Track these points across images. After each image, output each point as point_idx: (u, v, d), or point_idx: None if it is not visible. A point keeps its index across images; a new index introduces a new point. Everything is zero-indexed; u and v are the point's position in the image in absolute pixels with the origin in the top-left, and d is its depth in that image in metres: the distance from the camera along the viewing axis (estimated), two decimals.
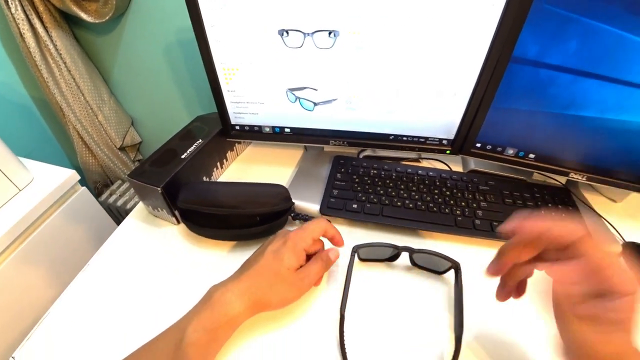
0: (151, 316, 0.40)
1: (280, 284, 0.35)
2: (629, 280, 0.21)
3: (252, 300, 0.34)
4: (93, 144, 0.92)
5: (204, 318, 0.32)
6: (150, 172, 0.49)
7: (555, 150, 0.51)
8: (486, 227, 0.47)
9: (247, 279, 0.35)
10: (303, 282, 0.36)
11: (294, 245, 0.37)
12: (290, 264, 0.36)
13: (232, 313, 0.33)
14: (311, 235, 0.38)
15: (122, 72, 0.90)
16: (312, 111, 0.50)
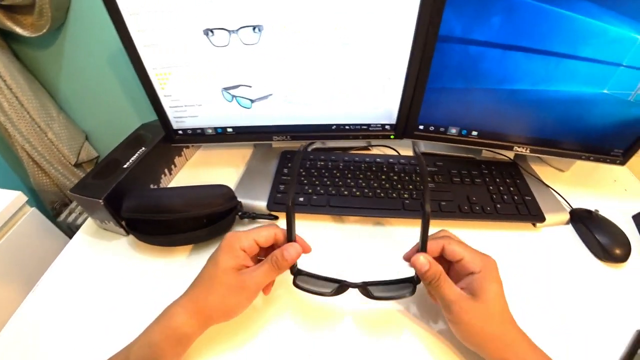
0: (104, 334, 0.39)
1: (218, 288, 0.32)
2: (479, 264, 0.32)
3: (195, 310, 0.32)
4: (45, 163, 0.88)
5: (150, 332, 0.31)
6: (92, 184, 0.48)
7: (496, 126, 0.52)
8: (434, 207, 0.47)
9: (191, 289, 0.34)
10: (244, 284, 0.32)
11: (229, 245, 0.34)
12: (225, 265, 0.33)
13: (176, 325, 0.31)
14: (253, 236, 0.34)
15: (69, 86, 0.87)
16: (250, 108, 0.49)
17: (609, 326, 0.39)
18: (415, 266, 0.33)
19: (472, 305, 0.31)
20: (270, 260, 0.33)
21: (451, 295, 0.31)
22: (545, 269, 0.45)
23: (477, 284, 0.32)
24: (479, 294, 0.31)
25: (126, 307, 0.41)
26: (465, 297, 0.31)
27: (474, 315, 0.31)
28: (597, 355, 0.36)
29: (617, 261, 0.46)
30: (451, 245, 0.34)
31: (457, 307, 0.31)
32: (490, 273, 0.32)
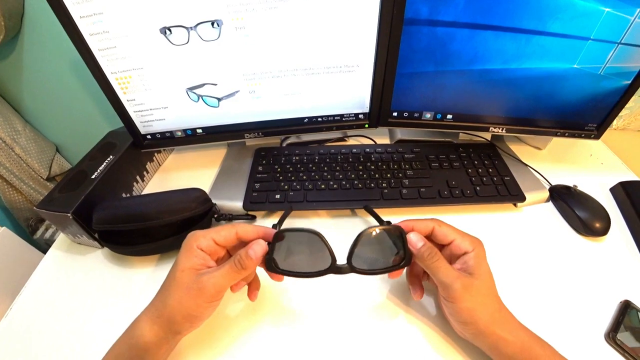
0: (83, 352, 0.37)
1: (176, 290, 0.30)
2: (471, 244, 0.33)
3: (156, 315, 0.30)
4: (15, 179, 0.85)
5: (116, 345, 0.30)
6: (59, 198, 0.46)
7: (470, 107, 0.51)
8: (414, 194, 0.47)
9: (156, 297, 0.32)
10: (202, 285, 0.29)
11: (187, 245, 0.32)
12: (183, 265, 0.30)
13: (139, 333, 0.29)
14: (211, 235, 0.32)
15: (32, 98, 0.83)
16: (217, 107, 0.47)
17: (594, 299, 0.39)
18: (409, 243, 0.32)
19: (471, 283, 0.31)
20: (233, 259, 0.31)
21: (451, 273, 0.31)
22: (528, 248, 0.45)
23: (472, 262, 0.32)
24: (475, 271, 0.31)
25: (105, 322, 0.39)
26: (464, 275, 0.31)
27: (475, 291, 0.31)
28: (583, 328, 0.37)
29: (598, 235, 0.46)
30: (442, 228, 0.34)
31: (458, 285, 0.30)
32: (482, 252, 0.33)
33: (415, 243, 0.32)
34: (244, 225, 0.33)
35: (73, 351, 0.37)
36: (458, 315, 0.31)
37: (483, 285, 0.31)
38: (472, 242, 0.33)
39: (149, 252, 0.46)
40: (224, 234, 0.32)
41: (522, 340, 0.30)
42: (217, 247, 0.32)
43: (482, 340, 0.31)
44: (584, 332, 0.36)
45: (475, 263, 0.32)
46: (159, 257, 0.46)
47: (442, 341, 0.36)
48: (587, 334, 0.36)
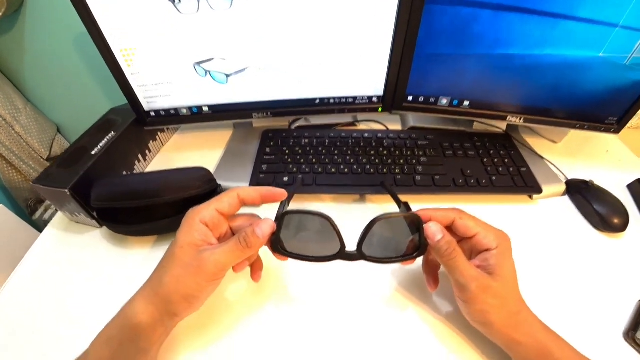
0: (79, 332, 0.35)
1: (174, 268, 0.27)
2: (495, 240, 0.30)
3: (152, 294, 0.28)
4: (15, 158, 0.83)
5: (109, 325, 0.28)
6: (57, 174, 0.44)
7: (488, 95, 0.49)
8: (428, 181, 0.45)
9: (152, 274, 0.29)
10: (202, 262, 0.27)
11: (188, 219, 0.29)
12: (183, 241, 0.28)
13: (132, 313, 0.27)
14: (214, 205, 0.29)
15: (34, 75, 0.81)
16: (225, 84, 0.45)
17: (611, 296, 0.37)
18: (427, 235, 0.29)
19: (490, 284, 0.28)
20: (238, 236, 0.28)
21: (470, 272, 0.28)
22: (544, 242, 0.43)
23: (494, 260, 0.29)
24: (496, 271, 0.29)
25: (101, 302, 0.37)
26: (484, 274, 0.29)
27: (492, 294, 0.28)
28: (601, 327, 0.35)
29: (616, 231, 0.44)
30: (464, 220, 0.30)
31: (475, 286, 0.28)
32: (507, 249, 0.30)
33: (433, 235, 0.29)
34: (244, 187, 0.31)
35: (67, 329, 0.36)
36: (471, 316, 0.30)
37: (503, 287, 0.28)
38: (497, 238, 0.30)
39: (148, 232, 0.44)
40: (227, 200, 0.30)
41: (540, 343, 0.28)
42: (220, 218, 0.30)
43: (496, 340, 0.30)
44: (602, 330, 0.35)
45: (497, 262, 0.29)
46: (158, 238, 0.44)
47: (456, 338, 0.34)
48: (605, 333, 0.35)
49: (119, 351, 0.26)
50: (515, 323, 0.29)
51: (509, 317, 0.29)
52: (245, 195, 0.31)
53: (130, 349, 0.27)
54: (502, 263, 0.29)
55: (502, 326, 0.28)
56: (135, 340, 0.27)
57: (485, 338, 0.31)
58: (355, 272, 0.38)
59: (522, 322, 0.29)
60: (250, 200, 0.31)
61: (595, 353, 0.28)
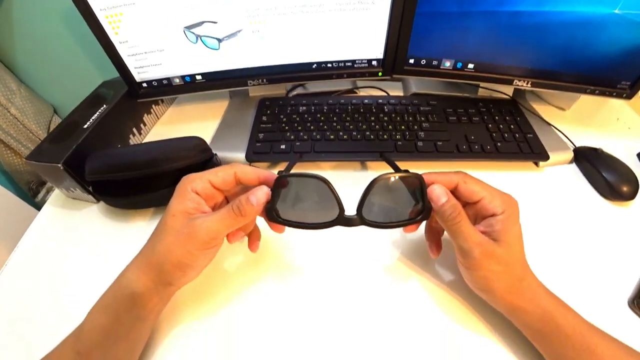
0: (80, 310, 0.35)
1: (166, 236, 0.27)
2: (501, 205, 0.28)
3: (145, 263, 0.27)
4: (13, 141, 0.82)
5: (104, 295, 0.27)
6: (50, 149, 0.43)
7: (494, 56, 0.47)
8: (430, 147, 0.43)
9: (145, 244, 0.29)
10: (193, 230, 0.26)
11: (180, 187, 0.28)
12: (175, 209, 0.27)
13: (126, 282, 0.27)
14: (207, 177, 0.29)
15: (25, 55, 0.79)
16: (218, 50, 0.43)
17: (618, 265, 0.36)
18: (431, 198, 0.28)
19: (494, 250, 0.27)
20: (232, 204, 0.27)
21: (474, 237, 0.27)
22: (550, 209, 0.42)
23: (500, 226, 0.27)
24: (501, 237, 0.27)
25: (100, 275, 0.36)
26: (488, 240, 0.27)
27: (496, 260, 0.27)
28: (606, 294, 0.34)
29: (625, 199, 0.43)
30: (468, 184, 0.29)
31: (479, 252, 0.27)
32: (514, 214, 0.28)
33: (437, 198, 0.28)
34: (243, 165, 0.30)
35: (68, 303, 0.35)
36: (474, 283, 0.29)
37: (508, 253, 0.27)
38: (503, 203, 0.28)
39: (144, 204, 0.43)
40: (222, 175, 0.29)
41: (543, 309, 0.27)
42: (213, 190, 0.29)
43: (499, 307, 0.29)
44: (607, 298, 0.34)
45: (503, 228, 0.27)
46: (155, 211, 0.43)
47: (458, 306, 0.33)
48: (610, 300, 0.34)
49: (114, 319, 0.26)
50: (519, 290, 0.28)
51: (512, 283, 0.28)
52: (242, 174, 0.29)
53: (126, 317, 0.26)
54: (508, 229, 0.28)
55: (505, 293, 0.28)
56: (130, 309, 0.26)
57: (488, 306, 0.30)
58: (355, 241, 0.38)
59: (525, 288, 0.28)
60: (247, 180, 0.29)
61: (600, 320, 0.27)
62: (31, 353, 0.26)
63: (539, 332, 0.27)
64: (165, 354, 0.31)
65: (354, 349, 0.31)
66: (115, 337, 0.26)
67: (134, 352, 0.28)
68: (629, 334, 0.26)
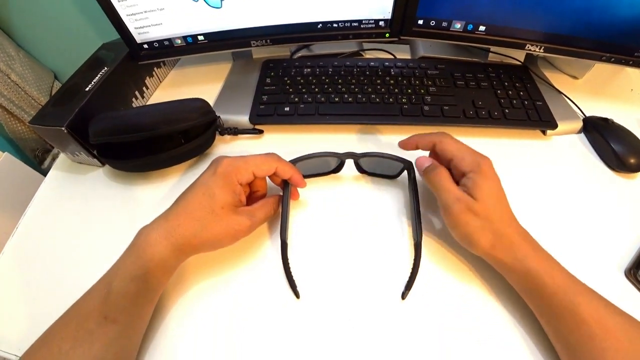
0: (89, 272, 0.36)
1: (214, 225, 0.29)
2: (471, 163, 0.30)
3: (181, 242, 0.28)
4: (15, 108, 0.82)
5: (130, 265, 0.28)
6: (53, 113, 0.42)
7: (507, 19, 0.45)
8: (436, 112, 0.42)
9: (175, 218, 0.29)
10: (241, 227, 0.30)
11: (226, 177, 0.30)
12: (223, 201, 0.29)
13: (159, 256, 0.27)
14: (252, 169, 0.31)
15: (23, 19, 0.77)
16: (220, 8, 0.42)
17: (618, 236, 0.36)
18: (417, 167, 0.33)
19: (472, 205, 0.28)
20: (273, 203, 0.33)
21: (453, 192, 0.29)
22: (555, 178, 0.42)
23: (471, 183, 0.29)
24: (476, 194, 0.29)
25: (107, 239, 0.37)
26: (467, 196, 0.29)
27: (473, 215, 0.28)
28: (604, 264, 0.34)
29: (631, 171, 0.42)
30: (442, 144, 0.31)
31: (458, 207, 0.28)
32: (483, 171, 0.30)
33: (421, 164, 0.32)
34: (283, 162, 0.33)
35: (77, 267, 0.36)
36: (458, 238, 0.30)
37: (484, 208, 0.28)
38: (472, 162, 0.30)
39: (149, 166, 0.43)
40: (265, 168, 0.32)
41: (526, 267, 0.27)
42: (254, 180, 0.33)
43: (488, 261, 0.30)
44: (605, 267, 0.34)
45: (474, 184, 0.29)
46: (164, 172, 0.44)
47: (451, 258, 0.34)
48: (607, 269, 0.34)
49: (145, 288, 0.27)
50: (501, 245, 0.28)
51: (493, 238, 0.28)
52: (282, 171, 0.32)
53: (156, 284, 0.28)
54: (481, 184, 0.29)
55: (488, 247, 0.28)
56: (161, 277, 0.28)
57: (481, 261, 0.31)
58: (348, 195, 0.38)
59: (506, 244, 0.28)
60: (282, 176, 0.33)
61: (596, 288, 0.27)
62: (40, 319, 0.27)
63: (523, 287, 0.28)
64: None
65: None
66: (144, 302, 0.28)
67: (152, 311, 0.30)
68: (623, 303, 0.26)
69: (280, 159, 0.33)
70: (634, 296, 0.32)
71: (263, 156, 0.32)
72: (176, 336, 0.30)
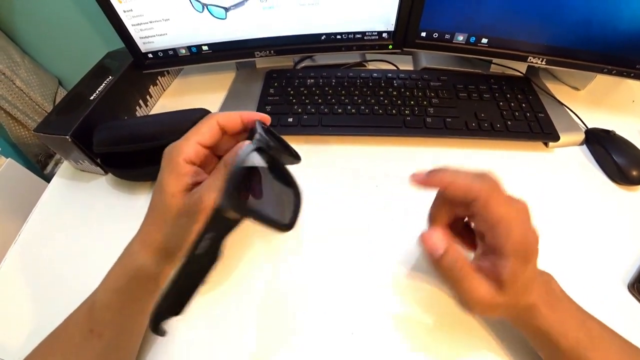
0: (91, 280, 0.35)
1: (175, 218, 0.25)
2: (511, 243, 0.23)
3: (157, 246, 0.26)
4: (19, 113, 0.82)
5: (113, 276, 0.27)
6: (57, 121, 0.43)
7: (509, 31, 0.45)
8: (438, 124, 0.43)
9: (147, 223, 0.27)
10: (201, 206, 0.24)
11: (169, 163, 0.26)
12: (172, 189, 0.25)
13: (140, 265, 0.26)
14: (194, 139, 0.26)
15: (28, 26, 0.78)
16: (225, 19, 0.42)
17: (621, 249, 0.36)
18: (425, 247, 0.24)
19: (496, 302, 0.23)
20: (224, 166, 0.26)
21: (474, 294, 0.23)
22: (557, 191, 0.41)
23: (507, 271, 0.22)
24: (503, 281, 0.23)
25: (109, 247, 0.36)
26: (492, 294, 0.23)
27: (496, 308, 0.24)
28: (608, 278, 0.34)
29: (633, 183, 0.42)
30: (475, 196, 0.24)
31: (480, 309, 0.24)
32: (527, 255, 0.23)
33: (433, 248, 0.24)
34: (223, 113, 0.27)
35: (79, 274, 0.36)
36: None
37: (512, 297, 0.23)
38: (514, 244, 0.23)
39: (152, 176, 0.43)
40: (206, 130, 0.26)
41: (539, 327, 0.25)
42: (205, 150, 0.27)
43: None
44: (608, 281, 0.34)
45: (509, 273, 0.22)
46: None
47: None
48: (611, 283, 0.34)
49: (130, 299, 0.26)
50: (521, 319, 0.26)
51: (513, 317, 0.26)
52: (225, 120, 0.27)
53: (141, 295, 0.27)
54: (518, 276, 0.22)
55: (508, 319, 0.26)
56: (145, 287, 0.27)
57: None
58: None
59: (528, 318, 0.25)
60: (231, 125, 0.27)
61: (597, 302, 0.27)
62: (42, 327, 0.27)
63: (534, 343, 0.27)
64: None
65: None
66: (130, 314, 0.27)
67: (145, 322, 0.29)
68: (628, 318, 0.26)
69: (219, 112, 0.27)
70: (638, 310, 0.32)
71: (200, 121, 0.27)
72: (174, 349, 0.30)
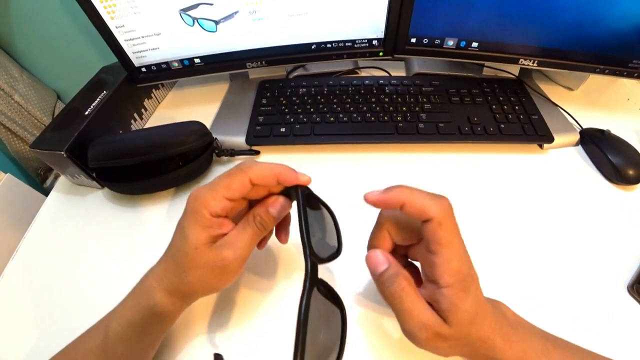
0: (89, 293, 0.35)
1: (195, 270, 0.25)
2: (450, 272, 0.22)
3: (172, 288, 0.26)
4: (18, 128, 0.83)
5: (128, 309, 0.27)
6: (52, 137, 0.43)
7: (499, 34, 0.45)
8: (431, 129, 0.43)
9: (165, 262, 0.27)
10: (225, 262, 0.25)
11: (194, 214, 0.25)
12: (196, 241, 0.25)
13: (155, 303, 0.26)
14: (222, 194, 0.25)
15: (25, 42, 0.79)
16: (215, 32, 0.43)
17: (620, 250, 0.36)
18: (368, 265, 0.25)
19: (440, 332, 0.22)
20: (253, 221, 0.26)
21: (414, 319, 0.23)
22: (553, 192, 0.41)
23: (446, 302, 0.22)
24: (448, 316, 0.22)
25: (109, 262, 0.38)
26: (434, 321, 0.23)
27: (442, 341, 0.23)
28: (607, 279, 0.34)
29: (630, 183, 0.42)
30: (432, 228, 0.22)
31: (423, 337, 0.23)
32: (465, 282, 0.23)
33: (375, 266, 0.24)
34: (256, 167, 0.26)
35: (78, 288, 0.36)
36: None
37: (458, 331, 0.22)
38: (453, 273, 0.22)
39: (147, 189, 0.44)
40: (236, 187, 0.25)
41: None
42: (233, 204, 0.26)
43: None
44: (607, 282, 0.33)
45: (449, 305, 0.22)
46: (163, 195, 0.44)
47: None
48: (609, 285, 0.33)
49: (142, 333, 0.26)
50: (479, 354, 0.24)
51: (464, 352, 0.24)
52: (259, 179, 0.25)
53: (154, 330, 0.27)
54: (458, 305, 0.22)
55: (466, 356, 0.25)
56: (158, 323, 0.27)
57: None
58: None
59: (478, 346, 0.24)
60: (264, 182, 0.26)
61: (596, 304, 0.27)
62: (42, 339, 0.27)
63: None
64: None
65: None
66: (141, 348, 0.27)
67: (153, 353, 0.29)
68: (627, 320, 0.26)
69: (254, 165, 0.26)
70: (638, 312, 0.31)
71: (232, 174, 0.26)
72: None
